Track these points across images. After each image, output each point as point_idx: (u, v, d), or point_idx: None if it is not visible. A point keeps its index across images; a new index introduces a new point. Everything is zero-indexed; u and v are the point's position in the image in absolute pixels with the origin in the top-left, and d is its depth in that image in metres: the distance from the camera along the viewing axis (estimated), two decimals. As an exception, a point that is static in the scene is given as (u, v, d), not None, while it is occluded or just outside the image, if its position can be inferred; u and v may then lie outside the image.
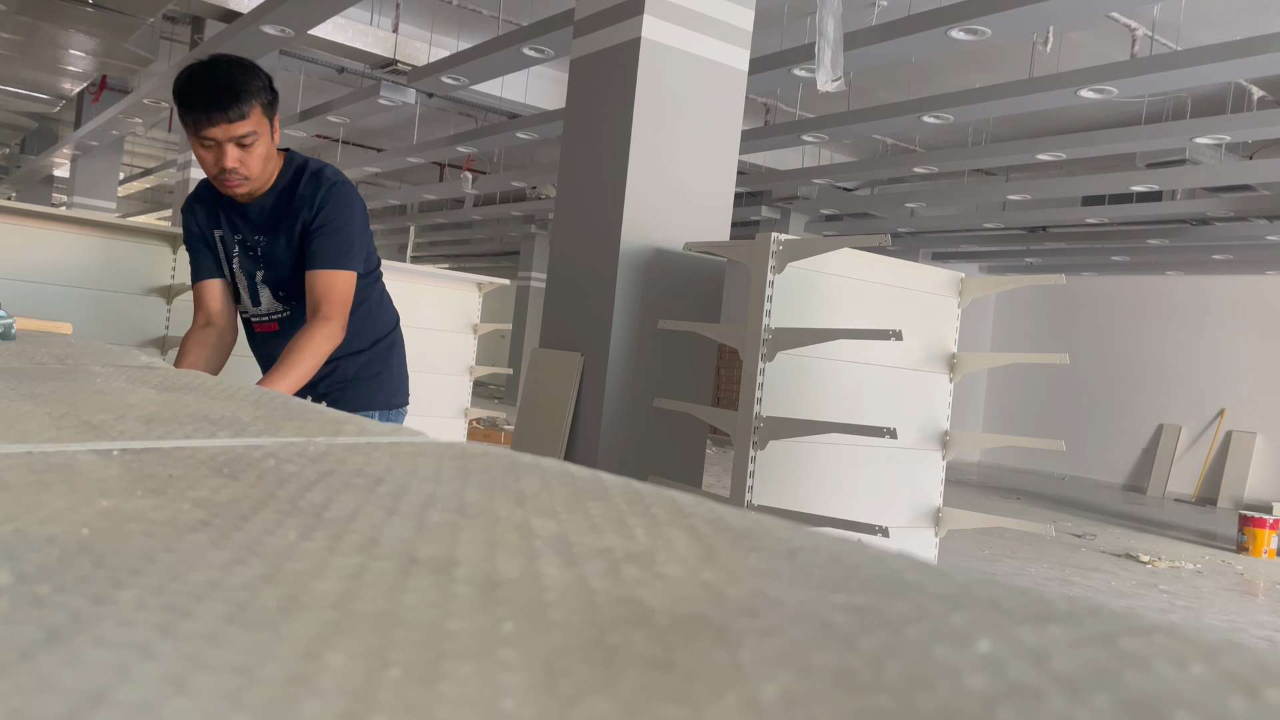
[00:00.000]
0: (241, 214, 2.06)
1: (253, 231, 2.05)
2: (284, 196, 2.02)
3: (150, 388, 0.91)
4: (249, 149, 1.90)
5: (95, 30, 6.47)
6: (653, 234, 3.56)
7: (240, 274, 2.10)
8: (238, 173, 1.91)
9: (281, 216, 2.02)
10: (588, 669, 0.26)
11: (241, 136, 1.87)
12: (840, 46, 4.42)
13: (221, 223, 2.09)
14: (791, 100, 8.53)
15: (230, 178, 1.91)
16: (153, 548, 0.35)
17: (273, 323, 2.11)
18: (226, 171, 1.89)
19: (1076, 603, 0.33)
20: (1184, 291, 12.36)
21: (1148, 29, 5.99)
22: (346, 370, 2.17)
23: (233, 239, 2.08)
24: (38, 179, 14.57)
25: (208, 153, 1.89)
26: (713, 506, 0.47)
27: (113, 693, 0.23)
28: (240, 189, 1.95)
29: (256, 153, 1.91)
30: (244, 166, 1.91)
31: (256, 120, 1.88)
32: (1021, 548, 6.52)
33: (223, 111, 1.84)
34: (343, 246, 2.00)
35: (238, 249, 2.08)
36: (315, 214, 1.98)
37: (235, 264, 2.10)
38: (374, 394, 2.21)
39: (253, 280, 2.08)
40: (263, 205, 2.04)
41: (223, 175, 1.90)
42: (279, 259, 2.04)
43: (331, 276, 1.98)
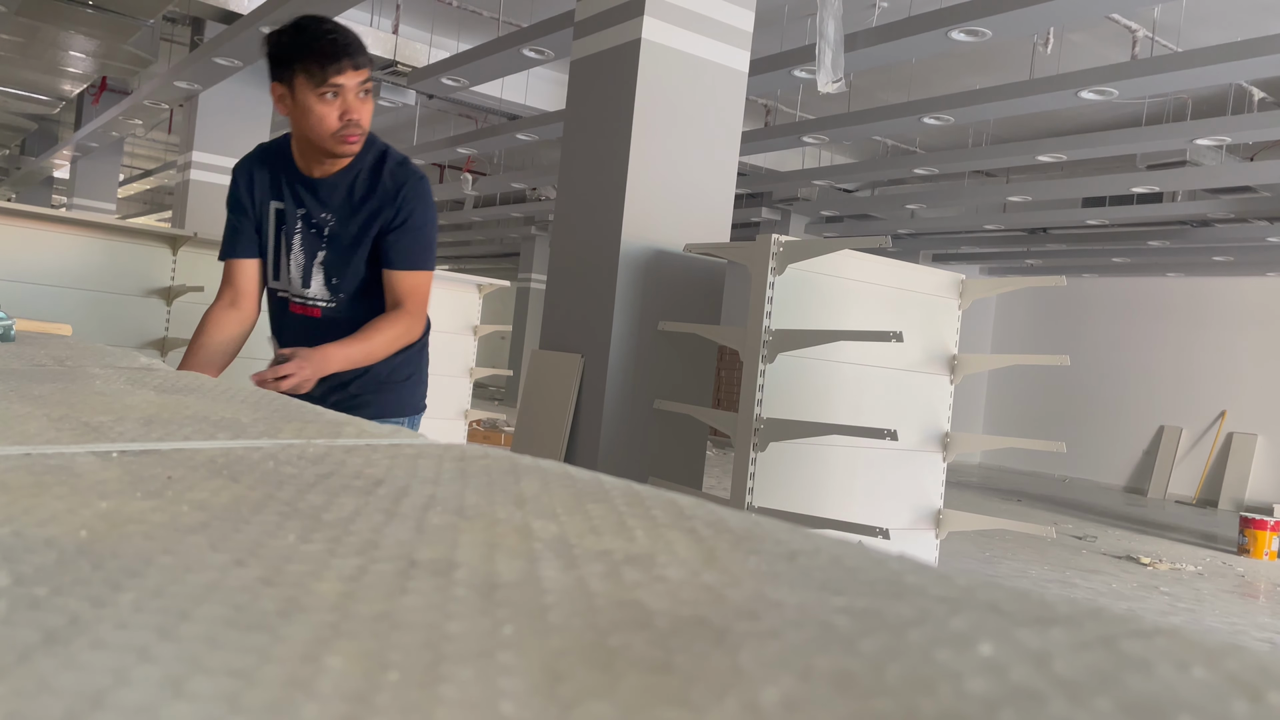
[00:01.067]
0: (312, 189, 1.95)
1: (321, 209, 1.94)
2: (365, 179, 1.93)
3: (150, 389, 0.91)
4: (365, 102, 1.85)
5: (95, 32, 6.48)
6: (653, 235, 3.57)
7: (299, 251, 1.97)
8: (359, 126, 1.84)
9: (360, 199, 1.93)
10: (588, 672, 0.26)
11: (364, 83, 1.84)
12: (841, 48, 4.43)
13: (285, 195, 1.96)
14: (792, 101, 8.53)
15: (352, 131, 1.84)
16: (152, 550, 0.35)
17: (315, 309, 1.99)
18: (350, 124, 1.82)
19: (1078, 605, 0.33)
20: (1185, 293, 12.36)
21: (1148, 30, 5.99)
22: (380, 372, 2.07)
23: (295, 214, 1.95)
24: (38, 180, 14.58)
25: (329, 106, 1.81)
26: (713, 508, 0.47)
27: (111, 695, 0.23)
28: (356, 146, 1.88)
29: (370, 107, 1.87)
30: (363, 120, 1.85)
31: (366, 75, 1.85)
32: (1022, 550, 6.52)
33: (351, 57, 1.80)
34: (426, 246, 1.96)
35: (300, 225, 1.95)
36: (400, 210, 1.91)
37: (296, 240, 1.96)
38: (404, 399, 2.13)
39: (311, 261, 1.96)
40: (337, 183, 1.93)
41: (344, 130, 1.83)
42: (345, 242, 1.94)
43: (416, 276, 1.95)
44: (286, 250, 1.97)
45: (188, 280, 4.13)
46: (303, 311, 1.99)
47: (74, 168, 11.98)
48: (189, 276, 4.15)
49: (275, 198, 1.97)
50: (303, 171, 1.94)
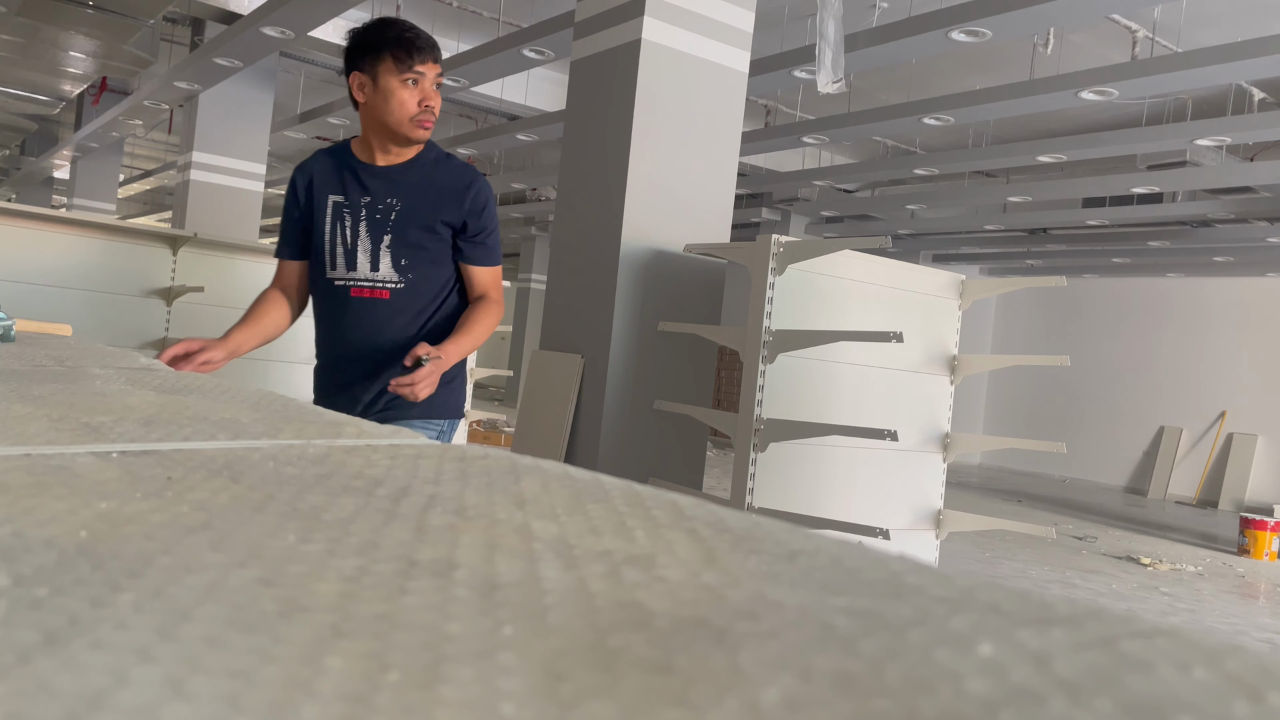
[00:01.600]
0: (378, 176, 2.09)
1: (387, 194, 2.07)
2: (428, 170, 2.10)
3: (150, 390, 0.91)
4: (436, 93, 2.06)
5: (95, 32, 6.48)
6: (653, 236, 3.57)
7: (365, 237, 2.08)
8: (433, 113, 2.04)
9: (424, 188, 2.08)
10: (588, 672, 0.26)
11: (439, 76, 2.06)
12: (841, 48, 4.43)
13: (346, 186, 2.10)
14: (792, 102, 8.53)
15: (427, 116, 2.03)
16: (152, 550, 0.35)
17: (384, 290, 2.08)
18: (427, 110, 2.02)
19: (1078, 606, 0.33)
20: (1185, 293, 12.36)
21: (1148, 31, 5.99)
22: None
23: (359, 202, 2.08)
24: (38, 181, 14.59)
25: (410, 92, 2.00)
26: (713, 509, 0.47)
27: (111, 696, 0.23)
28: (428, 132, 2.06)
29: (439, 101, 2.07)
30: (436, 108, 2.05)
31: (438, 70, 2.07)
32: (1022, 550, 6.52)
33: (429, 51, 2.02)
34: (497, 243, 2.18)
35: (364, 212, 2.08)
36: (472, 210, 2.09)
37: (362, 227, 2.08)
38: (449, 402, 2.17)
39: (378, 244, 2.07)
40: (404, 170, 2.09)
41: (421, 115, 2.02)
42: (411, 227, 2.06)
43: (494, 272, 2.17)
44: (352, 238, 2.08)
45: (188, 280, 4.13)
46: (370, 295, 2.08)
47: (74, 168, 11.98)
48: (189, 277, 4.15)
49: (335, 191, 2.11)
50: (368, 162, 2.10)
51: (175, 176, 8.57)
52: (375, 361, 2.08)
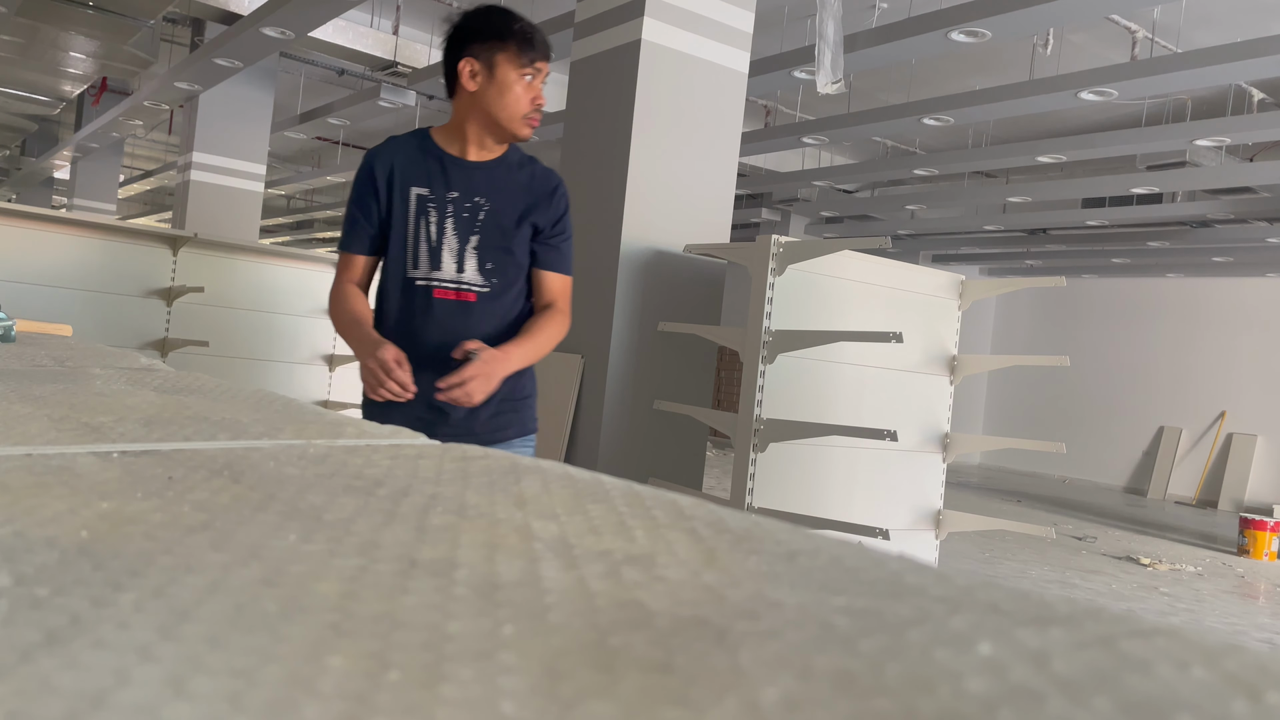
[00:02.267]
0: (468, 172, 1.98)
1: (476, 192, 1.97)
2: (516, 173, 2.01)
3: (150, 390, 0.91)
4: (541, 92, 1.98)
5: (95, 32, 6.48)
6: (653, 236, 3.57)
7: (452, 235, 1.96)
8: (540, 112, 1.97)
9: (514, 189, 1.99)
10: (588, 672, 0.26)
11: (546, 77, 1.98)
12: (840, 48, 4.43)
13: (431, 179, 1.97)
14: (792, 102, 8.53)
15: (536, 117, 1.96)
16: (153, 550, 0.35)
17: (470, 293, 1.96)
18: (538, 109, 1.95)
19: (1077, 605, 0.33)
20: (1184, 294, 12.36)
21: (1148, 31, 5.99)
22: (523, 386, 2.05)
23: (445, 197, 1.96)
24: (38, 181, 14.59)
25: (526, 88, 1.92)
26: (713, 509, 0.47)
27: (112, 695, 0.23)
28: (530, 133, 1.98)
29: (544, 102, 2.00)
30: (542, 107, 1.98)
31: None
32: (1022, 550, 6.52)
33: (547, 48, 1.95)
34: (571, 251, 2.11)
35: (451, 209, 1.96)
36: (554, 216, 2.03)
37: (448, 224, 1.96)
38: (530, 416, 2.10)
39: (464, 245, 1.96)
40: (494, 168, 1.99)
41: (534, 113, 1.95)
42: (496, 230, 1.96)
43: (566, 282, 2.09)
44: (437, 235, 1.96)
45: (188, 281, 4.13)
46: (455, 297, 1.96)
47: (74, 168, 11.98)
48: (189, 277, 4.15)
49: (419, 183, 1.97)
50: (457, 155, 1.98)
51: (175, 177, 8.57)
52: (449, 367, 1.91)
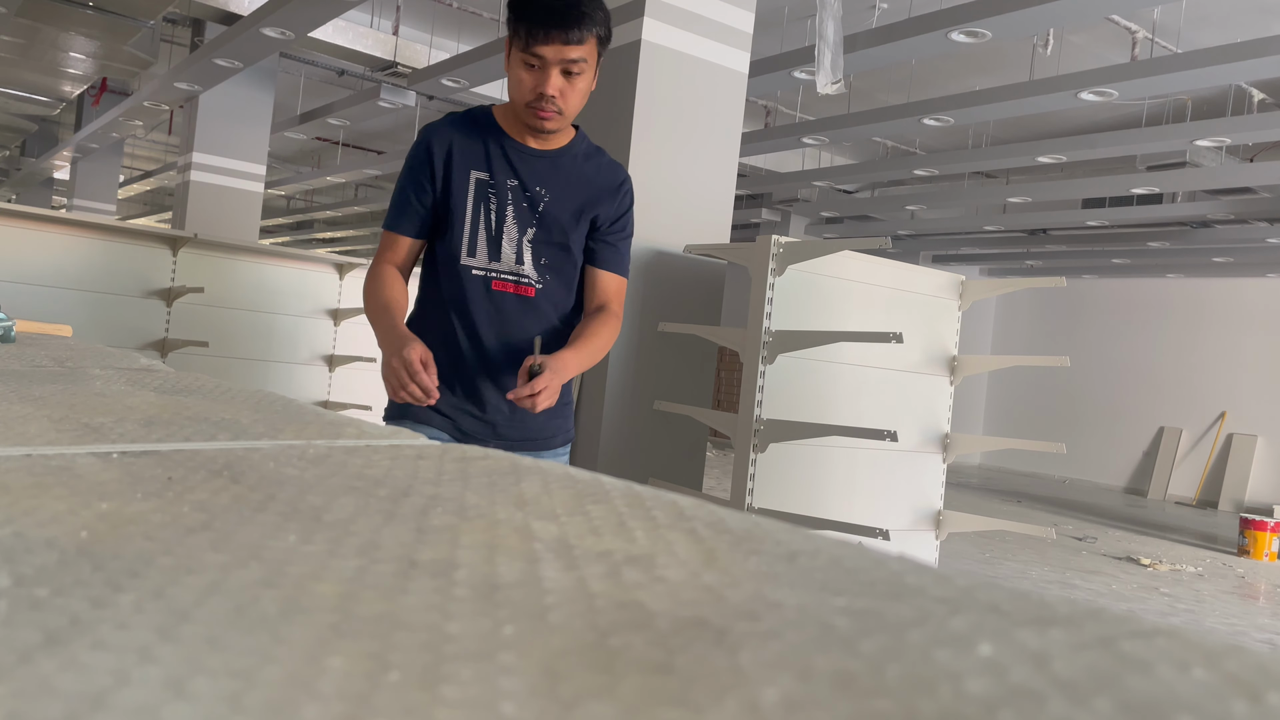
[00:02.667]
0: (530, 160, 1.83)
1: (537, 181, 1.83)
2: (582, 165, 1.86)
3: (150, 390, 0.91)
4: (573, 80, 1.72)
5: (95, 33, 6.48)
6: (653, 236, 3.57)
7: (512, 225, 1.83)
8: (555, 103, 1.72)
9: (577, 181, 1.85)
10: (588, 672, 0.26)
11: (571, 62, 1.69)
12: (840, 49, 4.43)
13: (493, 165, 1.83)
14: (792, 103, 8.53)
15: (546, 107, 1.72)
16: (152, 551, 0.35)
17: (530, 288, 1.86)
18: (544, 99, 1.71)
19: (1077, 606, 0.33)
20: (1185, 294, 12.36)
21: (1148, 31, 5.99)
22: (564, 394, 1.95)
23: (506, 184, 1.82)
24: (38, 181, 14.59)
25: (529, 74, 1.71)
26: (713, 509, 0.47)
27: (112, 696, 0.23)
28: (550, 124, 1.76)
29: (579, 88, 1.73)
30: (563, 99, 1.72)
31: (588, 50, 1.71)
32: (1022, 551, 6.52)
33: (561, 29, 1.67)
34: (629, 253, 1.98)
35: (511, 197, 1.82)
36: (616, 212, 1.89)
37: (509, 212, 1.83)
38: (570, 424, 2.02)
39: (522, 235, 1.83)
40: (557, 158, 1.84)
41: (538, 103, 1.72)
42: (555, 224, 1.84)
43: (621, 283, 1.93)
44: (497, 223, 1.83)
45: (188, 281, 4.13)
46: (515, 290, 1.85)
47: (74, 169, 11.99)
48: (189, 278, 4.15)
49: (479, 167, 1.83)
50: (518, 140, 1.83)
51: (175, 177, 8.57)
52: (503, 363, 1.85)
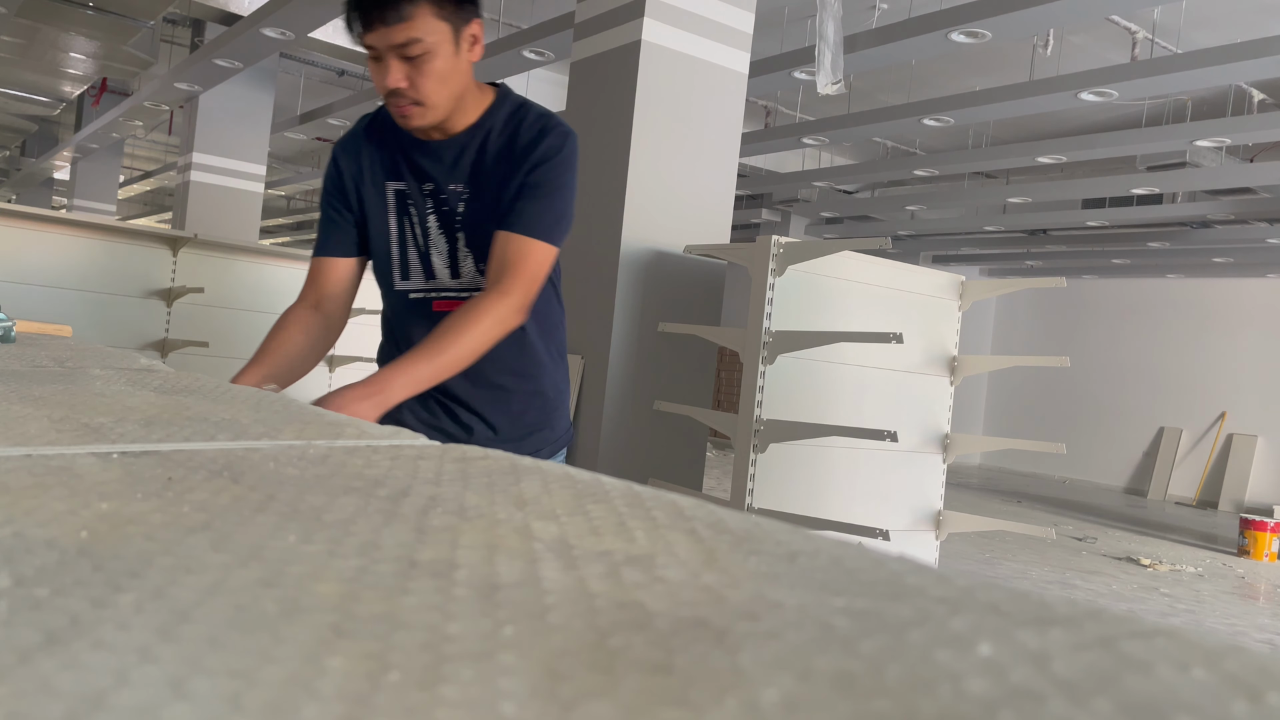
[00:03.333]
0: (435, 155, 1.59)
1: (451, 178, 1.59)
2: (500, 140, 1.59)
3: (150, 390, 0.91)
4: (418, 64, 1.46)
5: (95, 33, 6.48)
6: (653, 236, 3.57)
7: (439, 236, 1.61)
8: (405, 96, 1.48)
9: (495, 165, 1.58)
10: (588, 673, 0.26)
11: (403, 46, 1.44)
12: (840, 49, 4.43)
13: (404, 172, 1.61)
14: (792, 103, 8.53)
15: (397, 102, 1.49)
16: (152, 551, 0.35)
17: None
18: (394, 94, 1.48)
19: (1077, 606, 0.33)
20: (1185, 294, 12.36)
21: (1148, 32, 5.99)
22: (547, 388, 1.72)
23: (422, 190, 1.60)
24: (38, 181, 14.59)
25: (374, 68, 1.49)
26: (713, 509, 0.47)
27: (112, 696, 0.23)
28: (414, 119, 1.51)
29: (430, 70, 1.46)
30: (414, 89, 1.47)
31: (424, 26, 1.44)
32: (1022, 551, 6.52)
33: (378, 11, 1.43)
34: (552, 212, 1.57)
35: (432, 203, 1.60)
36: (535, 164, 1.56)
37: (432, 222, 1.61)
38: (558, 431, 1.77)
39: (454, 245, 1.61)
40: (465, 144, 1.59)
41: (391, 98, 1.49)
42: (484, 223, 1.59)
43: (527, 244, 1.52)
44: (423, 237, 1.62)
45: (188, 281, 4.13)
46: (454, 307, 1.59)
47: (74, 169, 11.99)
48: (189, 278, 4.15)
49: (393, 177, 1.62)
50: (421, 137, 1.60)
51: (175, 177, 8.57)
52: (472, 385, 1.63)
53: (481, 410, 1.65)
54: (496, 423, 1.66)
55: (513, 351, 1.63)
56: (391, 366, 1.40)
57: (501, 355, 1.58)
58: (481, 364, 1.55)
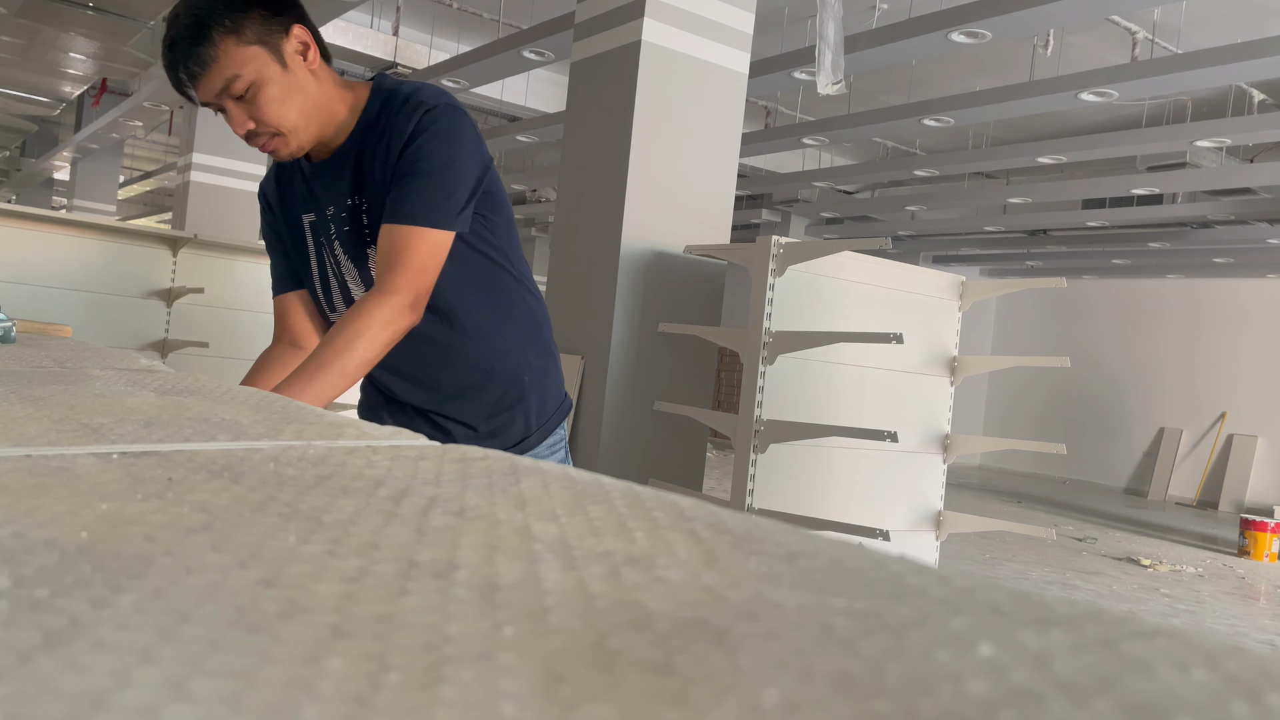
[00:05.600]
0: (329, 178, 1.50)
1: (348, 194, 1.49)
2: (375, 135, 1.46)
3: (150, 391, 0.91)
4: (251, 99, 1.38)
5: (95, 34, 6.49)
6: (653, 237, 3.57)
7: (348, 263, 1.52)
8: (260, 133, 1.41)
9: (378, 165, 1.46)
10: (588, 673, 0.26)
11: (226, 88, 1.36)
12: (841, 49, 4.43)
13: (309, 201, 1.54)
14: (792, 103, 8.53)
15: (257, 142, 1.42)
16: (152, 551, 0.35)
17: None
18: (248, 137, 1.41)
19: (1078, 606, 0.33)
20: (1185, 295, 12.36)
21: (1148, 32, 5.99)
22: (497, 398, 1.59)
23: (326, 214, 1.52)
24: (38, 182, 14.60)
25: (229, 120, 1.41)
26: (713, 510, 0.47)
27: (112, 697, 0.23)
28: (283, 151, 1.44)
29: (265, 100, 1.38)
30: (262, 123, 1.39)
31: (234, 61, 1.35)
32: (1023, 551, 6.52)
33: (184, 67, 1.35)
34: (435, 193, 1.41)
35: (335, 229, 1.51)
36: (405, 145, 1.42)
37: (338, 249, 1.52)
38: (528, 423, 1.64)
39: (363, 269, 1.51)
40: (347, 155, 1.48)
41: (253, 140, 1.42)
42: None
43: (409, 234, 1.39)
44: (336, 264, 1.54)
45: (188, 282, 4.13)
46: None
47: (74, 169, 11.99)
48: (189, 278, 4.16)
49: (306, 208, 1.56)
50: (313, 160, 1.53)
51: (175, 178, 8.57)
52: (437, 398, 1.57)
53: (454, 414, 1.59)
54: (472, 421, 1.59)
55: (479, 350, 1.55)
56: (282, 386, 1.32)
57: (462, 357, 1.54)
58: (439, 373, 1.52)
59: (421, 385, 1.56)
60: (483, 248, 1.53)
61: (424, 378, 1.56)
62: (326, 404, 1.32)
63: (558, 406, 1.67)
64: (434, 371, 1.55)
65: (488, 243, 1.53)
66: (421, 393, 1.57)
